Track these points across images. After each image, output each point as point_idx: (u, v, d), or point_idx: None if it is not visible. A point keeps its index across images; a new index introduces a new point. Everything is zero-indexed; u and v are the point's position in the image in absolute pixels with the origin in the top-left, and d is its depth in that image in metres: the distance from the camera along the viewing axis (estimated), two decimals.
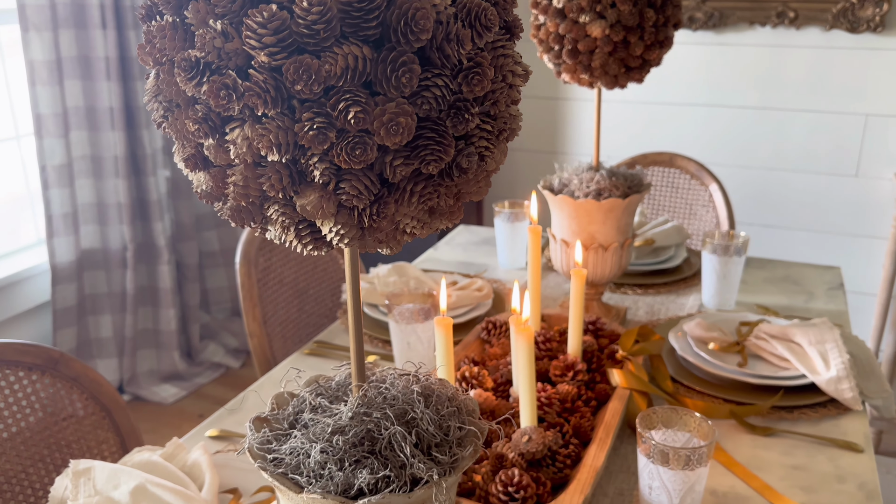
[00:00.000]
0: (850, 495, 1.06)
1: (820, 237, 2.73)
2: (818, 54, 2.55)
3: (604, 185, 1.39)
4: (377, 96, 0.46)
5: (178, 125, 0.49)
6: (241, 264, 1.59)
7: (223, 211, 0.53)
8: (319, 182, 0.48)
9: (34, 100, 2.45)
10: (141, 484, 0.96)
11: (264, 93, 0.45)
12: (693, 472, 0.91)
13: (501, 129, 0.53)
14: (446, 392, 0.69)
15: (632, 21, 1.27)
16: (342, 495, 0.60)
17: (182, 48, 0.47)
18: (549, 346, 1.28)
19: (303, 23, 0.43)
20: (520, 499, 0.92)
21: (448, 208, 0.54)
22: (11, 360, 1.16)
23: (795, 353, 1.33)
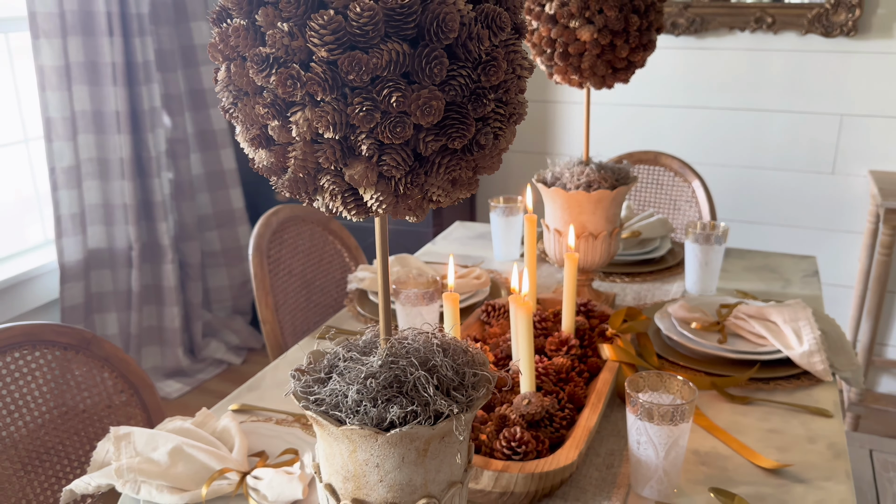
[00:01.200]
0: (820, 454, 1.17)
1: (798, 232, 2.85)
2: (795, 57, 2.68)
3: (593, 177, 1.50)
4: (413, 84, 0.57)
5: (246, 110, 0.60)
6: (253, 255, 1.69)
7: (281, 182, 0.63)
8: (366, 155, 0.58)
9: (44, 104, 2.54)
10: (177, 445, 1.05)
11: (323, 82, 0.55)
12: (676, 427, 1.02)
13: (512, 113, 0.64)
14: (461, 346, 0.79)
15: (618, 26, 1.38)
16: (376, 426, 0.70)
17: (253, 45, 0.57)
18: (545, 325, 1.38)
19: (355, 25, 0.54)
20: (522, 453, 1.03)
21: (467, 180, 0.64)
22: (49, 340, 1.26)
23: (771, 330, 1.45)
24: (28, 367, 1.22)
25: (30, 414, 1.21)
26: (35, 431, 1.21)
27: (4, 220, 2.75)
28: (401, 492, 0.74)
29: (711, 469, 1.13)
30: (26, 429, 1.20)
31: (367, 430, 0.70)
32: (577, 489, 1.09)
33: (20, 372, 1.21)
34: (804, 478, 1.11)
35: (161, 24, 2.90)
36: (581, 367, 1.28)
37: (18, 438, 1.19)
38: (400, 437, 0.70)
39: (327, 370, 0.77)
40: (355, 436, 0.71)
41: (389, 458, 0.72)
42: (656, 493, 1.06)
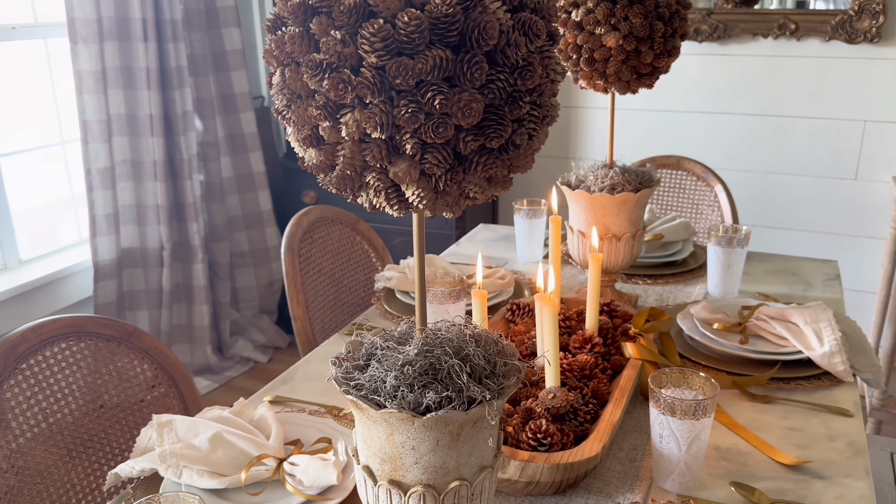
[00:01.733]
0: (840, 451, 1.20)
1: (821, 237, 2.86)
2: (818, 64, 2.70)
3: (617, 180, 1.54)
4: (455, 87, 0.61)
5: (299, 112, 0.64)
6: (285, 254, 1.75)
7: (329, 179, 0.68)
8: (409, 154, 0.62)
9: (81, 107, 2.62)
10: (217, 432, 1.10)
11: (372, 85, 0.60)
12: (698, 421, 1.05)
13: (545, 115, 0.68)
14: (492, 337, 0.83)
15: (643, 32, 1.42)
16: (413, 411, 0.74)
17: (307, 52, 0.62)
18: (569, 323, 1.42)
19: (403, 32, 0.58)
20: (547, 444, 1.07)
21: (502, 178, 0.69)
22: (93, 332, 1.31)
23: (792, 331, 1.47)
24: (73, 357, 1.28)
25: (74, 402, 1.26)
26: (79, 419, 1.27)
27: (42, 219, 2.83)
28: (435, 474, 0.78)
29: (732, 464, 1.16)
30: (71, 416, 1.26)
31: (404, 413, 0.74)
32: (600, 481, 1.12)
33: (66, 362, 1.26)
34: (824, 474, 1.14)
35: (194, 30, 2.97)
36: (604, 364, 1.32)
37: (64, 426, 1.24)
38: (435, 421, 0.74)
39: (366, 358, 0.82)
40: (393, 419, 0.75)
41: (425, 441, 0.76)
42: (678, 486, 1.09)
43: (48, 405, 1.22)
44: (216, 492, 1.06)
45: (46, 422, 1.22)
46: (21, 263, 2.67)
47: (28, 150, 2.72)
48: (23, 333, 1.21)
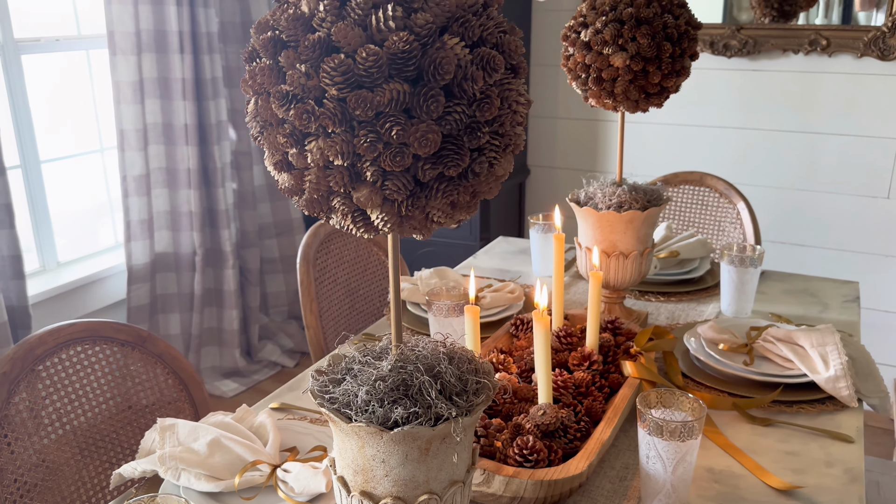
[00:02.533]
0: (836, 478, 1.19)
1: (852, 256, 2.81)
2: (850, 80, 2.65)
3: (625, 198, 1.54)
4: (413, 119, 0.64)
5: (270, 138, 0.68)
6: (300, 264, 1.79)
7: (300, 202, 0.71)
8: (370, 180, 0.65)
9: (118, 116, 2.71)
10: (216, 437, 1.14)
11: (333, 116, 0.63)
12: (684, 443, 1.06)
13: (507, 144, 0.71)
14: (467, 355, 0.86)
15: (650, 53, 1.43)
16: (381, 425, 0.77)
17: (276, 83, 0.65)
18: (570, 340, 1.43)
19: (362, 67, 0.62)
20: (533, 461, 1.08)
21: (465, 203, 0.71)
22: (108, 337, 1.37)
23: (798, 354, 1.46)
24: (88, 360, 1.33)
25: (88, 404, 1.32)
26: (92, 420, 1.32)
27: (81, 223, 2.94)
28: (404, 486, 0.81)
29: (724, 487, 1.16)
30: (84, 417, 1.31)
31: (373, 427, 0.77)
32: (588, 499, 1.13)
33: (81, 364, 1.32)
34: (816, 500, 1.13)
35: (229, 43, 3.06)
36: (602, 382, 1.33)
37: (77, 426, 1.30)
38: (403, 436, 0.77)
39: (344, 372, 0.85)
40: (363, 432, 0.78)
41: (394, 455, 0.79)
42: None
43: (62, 405, 1.28)
44: (212, 495, 1.10)
45: (60, 421, 1.28)
46: (59, 266, 2.77)
47: (69, 156, 2.83)
48: (40, 336, 1.27)
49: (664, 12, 1.45)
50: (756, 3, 2.78)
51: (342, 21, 0.63)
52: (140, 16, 2.65)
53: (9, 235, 2.31)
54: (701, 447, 1.26)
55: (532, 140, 3.28)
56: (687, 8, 1.49)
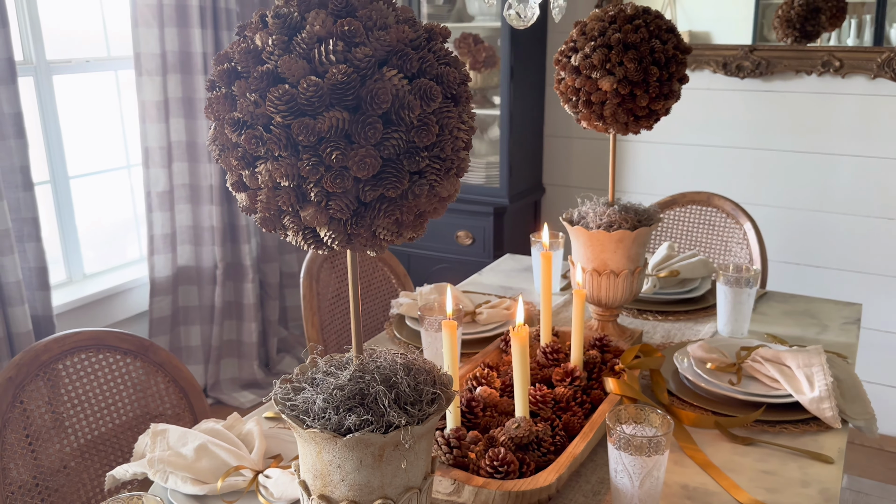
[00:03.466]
0: (809, 497, 1.20)
1: (867, 278, 2.78)
2: (864, 101, 2.64)
3: (615, 217, 1.57)
4: (353, 144, 0.69)
5: (227, 161, 0.73)
6: (304, 279, 1.85)
7: (257, 220, 0.76)
8: (315, 200, 0.70)
9: (144, 135, 2.82)
10: (203, 443, 1.20)
11: (279, 141, 0.68)
12: (650, 458, 1.08)
13: (449, 167, 0.75)
14: (426, 367, 0.90)
15: (637, 77, 1.46)
16: (335, 431, 0.81)
17: (230, 111, 0.71)
18: (557, 356, 1.46)
19: (304, 97, 0.67)
20: (503, 472, 1.12)
21: (410, 222, 0.76)
22: (112, 345, 1.44)
23: (785, 374, 1.47)
24: (92, 367, 1.40)
25: (90, 408, 1.39)
26: (93, 423, 1.39)
27: (107, 237, 3.05)
28: (360, 491, 0.85)
29: (695, 503, 1.18)
30: (86, 421, 1.38)
31: (326, 433, 0.81)
32: None
33: (85, 371, 1.39)
34: None
35: None
36: (584, 398, 1.35)
37: (79, 428, 1.37)
38: (355, 442, 0.81)
39: (309, 381, 0.90)
40: (318, 438, 0.82)
41: (349, 461, 0.83)
42: None
43: (65, 410, 1.35)
44: (197, 498, 1.16)
45: (62, 426, 1.34)
46: (85, 277, 2.88)
47: (96, 172, 2.94)
48: (46, 344, 1.35)
49: (652, 38, 1.48)
50: (778, 24, 2.79)
51: (288, 55, 0.68)
52: (165, 38, 2.76)
53: (35, 248, 2.42)
54: (678, 464, 1.28)
55: (547, 159, 3.32)
56: (675, 33, 1.52)
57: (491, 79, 3.16)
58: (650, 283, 1.96)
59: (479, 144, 3.39)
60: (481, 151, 3.38)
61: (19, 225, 2.38)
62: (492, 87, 3.18)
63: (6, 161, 2.32)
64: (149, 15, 2.72)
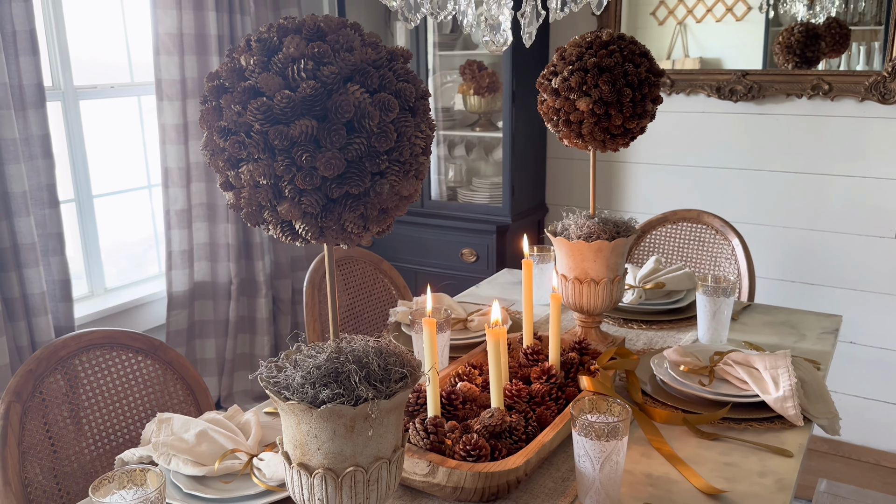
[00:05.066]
0: (765, 486, 1.28)
1: (861, 295, 2.85)
2: (853, 123, 2.73)
3: (594, 229, 1.68)
4: (321, 148, 0.81)
5: (216, 163, 0.85)
6: (307, 288, 1.97)
7: (242, 215, 0.88)
8: (289, 196, 0.82)
9: (164, 156, 2.98)
10: (204, 429, 1.31)
11: (258, 145, 0.80)
12: (609, 443, 1.17)
13: (409, 169, 0.86)
14: (396, 351, 1.00)
15: (611, 98, 1.57)
16: (311, 403, 0.92)
17: (218, 120, 0.83)
18: (537, 357, 1.56)
19: (278, 108, 0.79)
20: (476, 456, 1.22)
21: (375, 217, 0.87)
22: (124, 344, 1.56)
23: (753, 376, 1.56)
24: (105, 363, 1.53)
25: (104, 401, 1.51)
26: (107, 415, 1.51)
27: (128, 255, 3.20)
28: (334, 459, 0.95)
29: (657, 490, 1.27)
30: (100, 413, 1.50)
31: (303, 405, 0.92)
32: (528, 495, 1.25)
33: (99, 367, 1.51)
34: None
35: None
36: (559, 394, 1.45)
37: (93, 419, 1.49)
38: (329, 413, 0.92)
39: (292, 363, 1.01)
40: (297, 409, 0.93)
41: (324, 431, 0.94)
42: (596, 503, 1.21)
43: (80, 402, 1.47)
44: (197, 478, 1.26)
45: (78, 415, 1.46)
46: (106, 291, 3.03)
47: (119, 192, 3.10)
48: (65, 340, 1.47)
49: (625, 62, 1.59)
50: (779, 50, 2.90)
51: (266, 72, 0.80)
52: (185, 65, 2.92)
53: (59, 262, 2.56)
54: (645, 456, 1.37)
55: (550, 180, 3.43)
56: (648, 57, 1.63)
57: (494, 103, 3.29)
58: (636, 294, 2.06)
59: (484, 166, 3.51)
60: (486, 172, 3.50)
61: (45, 240, 2.53)
62: (495, 111, 3.31)
63: (34, 179, 2.48)
64: (170, 44, 2.88)
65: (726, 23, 2.96)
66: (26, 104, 2.41)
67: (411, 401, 1.36)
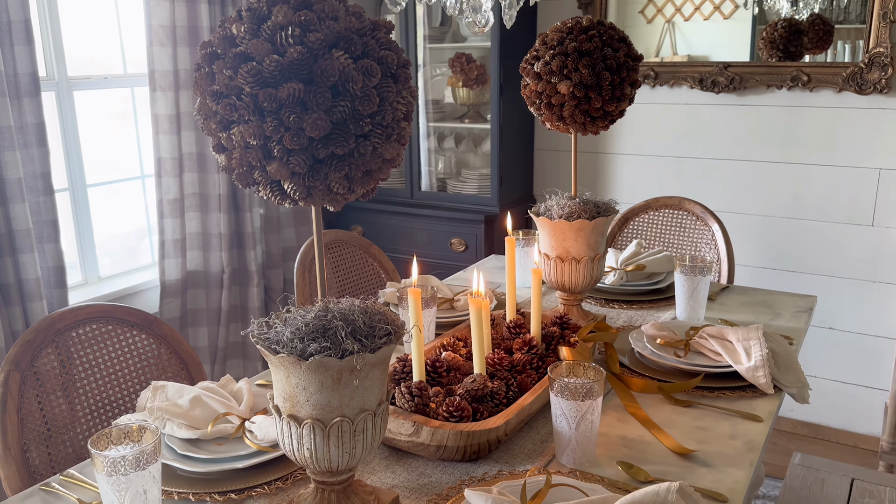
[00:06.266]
0: (734, 447, 1.34)
1: (841, 282, 2.92)
2: (832, 114, 2.80)
3: (575, 208, 1.74)
4: (308, 110, 0.86)
5: (208, 126, 0.91)
6: (297, 269, 2.02)
7: (234, 177, 0.93)
8: (278, 156, 0.88)
9: (156, 146, 3.02)
10: (197, 395, 1.36)
11: (249, 107, 0.86)
12: (584, 402, 1.23)
13: (391, 133, 0.92)
14: (381, 311, 1.06)
15: (591, 81, 1.63)
16: (299, 356, 0.98)
17: (210, 85, 0.89)
18: (520, 331, 1.62)
19: (267, 71, 0.84)
20: (458, 417, 1.27)
21: (359, 178, 0.93)
22: (120, 318, 1.61)
23: (727, 348, 1.62)
24: (102, 336, 1.58)
25: (100, 373, 1.56)
26: (103, 386, 1.56)
27: (123, 245, 3.24)
28: (322, 410, 1.01)
29: (631, 451, 1.33)
30: (96, 384, 1.55)
31: (292, 357, 0.98)
32: (508, 454, 1.31)
33: (95, 339, 1.56)
34: (711, 463, 1.29)
35: None
36: (539, 363, 1.51)
37: (90, 390, 1.54)
38: (317, 365, 0.98)
39: (282, 321, 1.06)
40: (286, 362, 0.99)
41: (312, 383, 0.99)
42: (572, 461, 1.27)
43: (77, 373, 1.52)
44: (191, 441, 1.32)
45: (74, 385, 1.51)
46: (100, 280, 3.07)
47: (113, 181, 3.15)
48: (62, 314, 1.52)
49: (604, 46, 1.65)
50: (763, 45, 2.96)
51: (256, 38, 0.86)
52: (178, 57, 2.97)
53: (54, 249, 2.61)
54: (621, 421, 1.43)
55: (538, 171, 3.49)
56: (627, 42, 1.69)
57: (483, 95, 3.35)
58: (617, 275, 2.12)
59: (473, 158, 3.57)
60: (475, 164, 3.56)
61: (39, 227, 2.58)
62: (484, 103, 3.37)
63: (29, 167, 2.52)
64: (163, 35, 2.93)
65: (714, 21, 3.03)
66: (21, 93, 2.46)
67: (397, 368, 1.42)
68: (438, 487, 1.21)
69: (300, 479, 1.24)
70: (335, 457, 1.03)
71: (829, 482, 1.87)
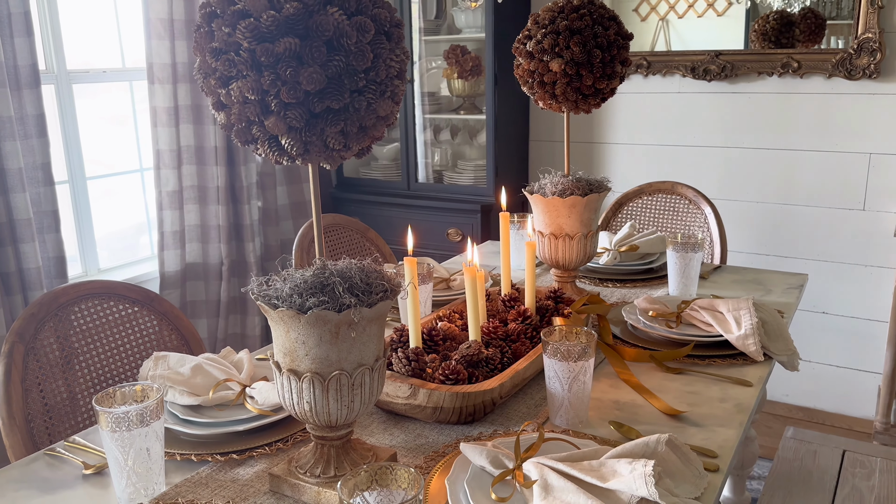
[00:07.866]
0: (725, 409, 1.37)
1: (833, 266, 2.95)
2: (822, 99, 2.84)
3: (567, 185, 1.77)
4: (304, 64, 0.89)
5: (208, 84, 0.94)
6: (296, 251, 2.05)
7: (233, 134, 0.96)
8: (275, 111, 0.91)
9: (155, 139, 3.05)
10: (199, 363, 1.39)
11: (246, 62, 0.89)
12: (576, 363, 1.26)
13: (384, 90, 0.95)
14: (377, 269, 1.09)
15: (582, 58, 1.67)
16: (298, 310, 1.01)
17: (209, 42, 0.92)
18: (514, 304, 1.65)
19: (265, 27, 0.88)
20: (453, 380, 1.30)
21: (354, 134, 0.96)
22: (121, 294, 1.64)
23: (717, 319, 1.65)
24: (103, 311, 1.60)
25: (101, 346, 1.58)
26: (103, 360, 1.59)
27: (123, 237, 3.27)
28: (321, 364, 1.04)
29: (623, 413, 1.36)
30: (97, 357, 1.58)
31: (291, 311, 1.00)
32: (503, 416, 1.34)
33: (97, 314, 1.59)
34: (701, 423, 1.32)
35: None
36: (533, 333, 1.54)
37: (91, 363, 1.56)
38: (315, 318, 1.00)
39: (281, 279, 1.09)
40: (286, 316, 1.02)
41: (311, 337, 1.02)
42: (565, 422, 1.29)
43: (78, 346, 1.55)
44: (192, 408, 1.34)
45: (76, 359, 1.54)
46: (100, 272, 3.09)
47: (112, 174, 3.17)
48: (64, 289, 1.55)
49: (595, 24, 1.69)
50: (755, 37, 3.00)
51: None
52: (176, 50, 3.00)
53: (54, 239, 2.63)
54: (614, 387, 1.46)
55: (533, 162, 3.52)
56: (617, 20, 1.73)
57: (478, 87, 3.38)
58: (611, 256, 2.15)
59: (469, 149, 3.60)
60: (471, 156, 3.59)
61: (40, 217, 2.60)
62: (479, 94, 3.41)
63: (29, 158, 2.55)
64: (161, 29, 2.96)
65: (708, 18, 3.06)
66: (21, 84, 2.49)
67: (394, 338, 1.45)
68: (435, 447, 1.24)
69: (300, 440, 1.26)
70: (334, 410, 1.06)
71: (820, 454, 1.90)
